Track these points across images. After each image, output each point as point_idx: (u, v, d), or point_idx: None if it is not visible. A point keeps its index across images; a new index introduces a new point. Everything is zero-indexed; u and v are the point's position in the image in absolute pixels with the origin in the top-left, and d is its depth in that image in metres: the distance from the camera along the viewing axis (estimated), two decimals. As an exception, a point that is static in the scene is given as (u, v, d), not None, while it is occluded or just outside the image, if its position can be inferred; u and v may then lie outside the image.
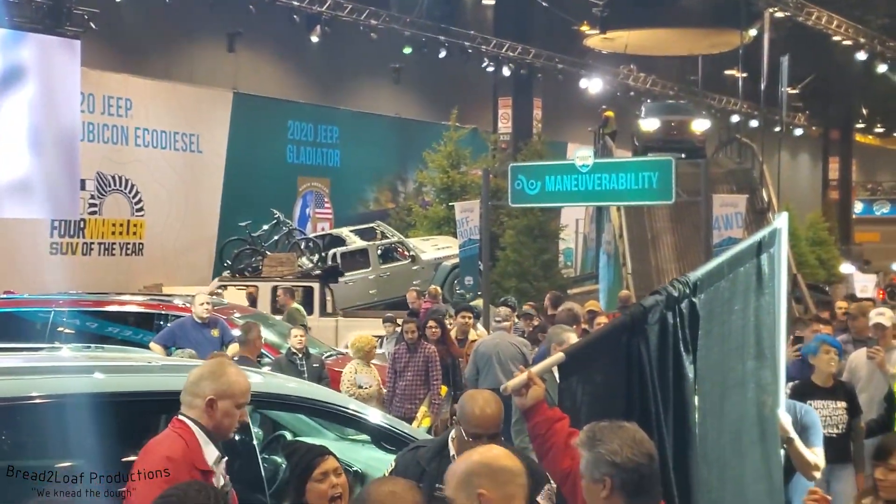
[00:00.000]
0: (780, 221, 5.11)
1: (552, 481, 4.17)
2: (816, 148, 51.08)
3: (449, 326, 12.25)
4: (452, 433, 4.51)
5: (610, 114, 30.65)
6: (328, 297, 19.64)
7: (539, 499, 4.00)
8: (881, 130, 57.91)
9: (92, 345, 7.53)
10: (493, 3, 32.99)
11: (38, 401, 4.55)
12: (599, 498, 3.40)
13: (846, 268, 35.63)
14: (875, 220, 52.39)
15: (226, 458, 4.04)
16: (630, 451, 3.40)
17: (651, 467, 3.44)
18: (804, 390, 6.66)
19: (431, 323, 11.25)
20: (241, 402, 3.99)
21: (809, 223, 36.84)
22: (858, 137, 51.41)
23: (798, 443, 5.51)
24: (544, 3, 30.29)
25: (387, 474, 4.33)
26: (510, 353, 10.21)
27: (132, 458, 5.29)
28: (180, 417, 4.01)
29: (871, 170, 59.06)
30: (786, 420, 5.24)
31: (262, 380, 5.92)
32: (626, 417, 3.99)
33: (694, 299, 4.25)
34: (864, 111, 50.23)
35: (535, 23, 33.47)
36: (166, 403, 5.19)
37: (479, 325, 14.10)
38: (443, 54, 30.76)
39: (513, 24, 33.14)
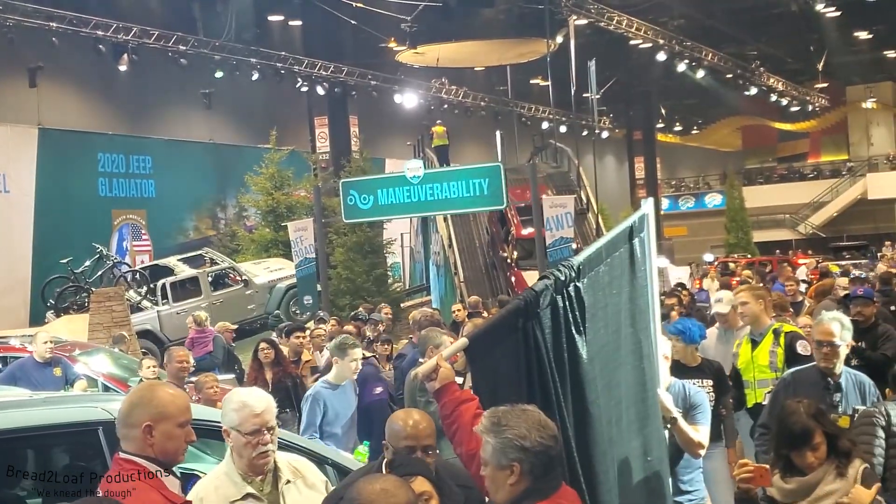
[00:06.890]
0: (647, 207, 5.21)
1: None
2: (622, 149, 52.97)
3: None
4: (386, 457, 4.20)
5: (440, 129, 29.77)
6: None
7: None
8: (679, 129, 60.70)
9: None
10: (300, 23, 32.87)
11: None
12: (506, 484, 3.34)
13: (660, 262, 37.01)
14: (681, 214, 54.81)
15: (179, 478, 3.68)
16: (538, 434, 3.36)
17: (557, 449, 3.43)
18: (675, 371, 6.79)
19: (263, 345, 10.41)
20: (181, 422, 3.60)
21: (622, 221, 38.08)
22: (660, 136, 53.59)
23: (681, 421, 5.59)
24: (352, 21, 30.31)
25: None
26: None
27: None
28: (123, 456, 3.56)
29: (673, 167, 61.74)
30: (667, 399, 5.33)
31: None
32: (530, 400, 4.02)
33: (578, 283, 4.31)
34: (663, 111, 52.48)
35: (344, 41, 33.51)
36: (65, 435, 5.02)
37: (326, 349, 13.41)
38: (255, 77, 30.55)
39: (323, 43, 33.10)
